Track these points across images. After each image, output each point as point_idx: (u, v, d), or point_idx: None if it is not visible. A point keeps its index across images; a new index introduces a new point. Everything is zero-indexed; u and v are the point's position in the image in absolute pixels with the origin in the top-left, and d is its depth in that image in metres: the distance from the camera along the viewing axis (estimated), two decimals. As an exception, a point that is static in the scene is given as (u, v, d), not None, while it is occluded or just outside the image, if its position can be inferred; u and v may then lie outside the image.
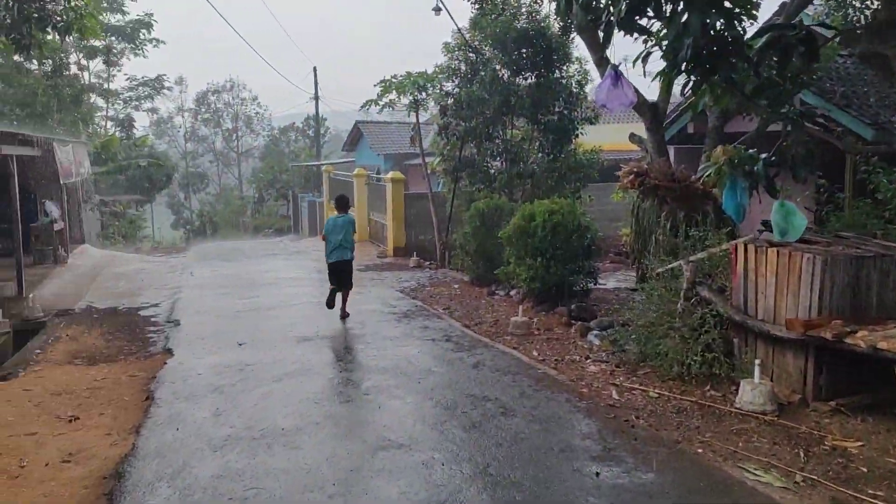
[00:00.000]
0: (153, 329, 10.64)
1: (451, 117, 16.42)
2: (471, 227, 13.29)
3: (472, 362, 7.91)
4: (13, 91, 20.77)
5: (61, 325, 11.00)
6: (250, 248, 22.07)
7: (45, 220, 16.26)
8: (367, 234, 21.11)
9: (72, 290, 13.75)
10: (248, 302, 12.18)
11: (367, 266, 16.50)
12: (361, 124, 31.56)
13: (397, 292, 12.93)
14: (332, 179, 25.46)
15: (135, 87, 42.75)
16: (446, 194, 17.36)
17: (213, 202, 53.71)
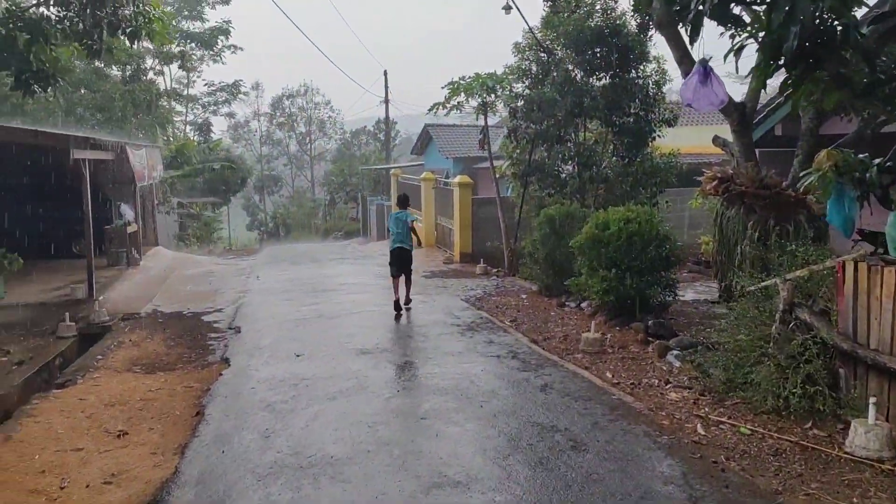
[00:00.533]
0: (214, 336, 10.43)
1: (521, 120, 15.78)
2: (540, 234, 12.62)
3: (540, 384, 7.27)
4: (92, 96, 21.31)
5: (126, 329, 10.93)
6: (318, 252, 21.97)
7: (119, 222, 16.45)
8: (433, 238, 20.66)
9: (141, 293, 13.78)
10: (311, 309, 11.85)
11: (433, 272, 16.02)
12: (430, 127, 31.20)
13: (462, 301, 12.38)
14: (399, 183, 25.16)
15: (213, 93, 43.76)
16: (515, 199, 16.72)
17: (287, 204, 54.53)
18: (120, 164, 15.17)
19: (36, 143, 12.00)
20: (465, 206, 17.61)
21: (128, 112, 21.55)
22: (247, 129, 56.77)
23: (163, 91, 23.30)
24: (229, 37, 41.64)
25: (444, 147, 29.58)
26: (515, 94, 15.78)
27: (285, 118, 57.61)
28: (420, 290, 13.54)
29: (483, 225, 17.76)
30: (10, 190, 16.22)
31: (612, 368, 8.00)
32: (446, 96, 15.62)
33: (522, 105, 15.70)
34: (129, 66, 22.23)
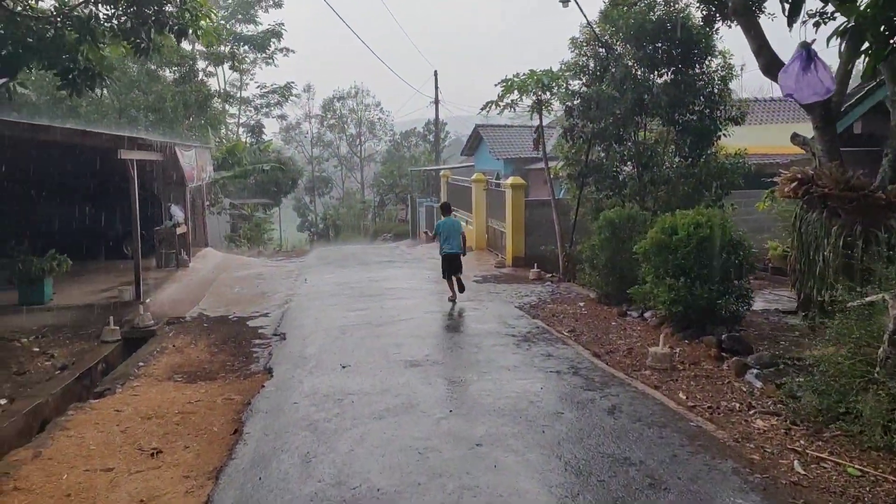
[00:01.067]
0: (259, 343, 9.99)
1: (578, 118, 15.02)
2: (599, 238, 11.85)
3: (607, 406, 6.55)
4: (144, 97, 21.33)
5: (170, 334, 10.60)
6: (366, 254, 21.53)
7: (169, 223, 16.27)
8: (484, 242, 20.00)
9: (188, 296, 13.50)
10: (358, 315, 11.33)
11: (485, 277, 15.37)
12: (481, 128, 30.55)
13: (516, 309, 11.70)
14: (449, 185, 24.59)
15: (265, 95, 43.96)
16: (570, 201, 15.95)
17: (337, 206, 54.56)
18: (170, 165, 14.96)
19: (85, 143, 11.79)
20: (517, 208, 16.91)
21: (179, 113, 21.50)
22: (298, 131, 57.05)
23: (213, 92, 23.16)
24: (281, 39, 41.83)
25: (496, 148, 28.88)
26: (572, 91, 15.02)
27: (336, 120, 57.70)
28: (471, 295, 12.91)
29: (536, 228, 17.03)
30: (64, 191, 16.21)
31: (685, 388, 7.22)
32: (499, 94, 14.95)
33: (579, 103, 14.94)
34: (181, 68, 22.21)
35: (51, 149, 14.24)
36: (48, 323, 11.42)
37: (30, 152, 14.84)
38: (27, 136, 11.36)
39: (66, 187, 16.03)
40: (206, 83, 23.80)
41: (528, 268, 15.94)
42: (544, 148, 15.49)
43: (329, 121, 57.51)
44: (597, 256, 11.91)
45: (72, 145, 12.99)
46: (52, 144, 13.63)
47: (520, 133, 31.05)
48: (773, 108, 26.29)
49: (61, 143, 13.07)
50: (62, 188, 16.16)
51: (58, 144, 13.38)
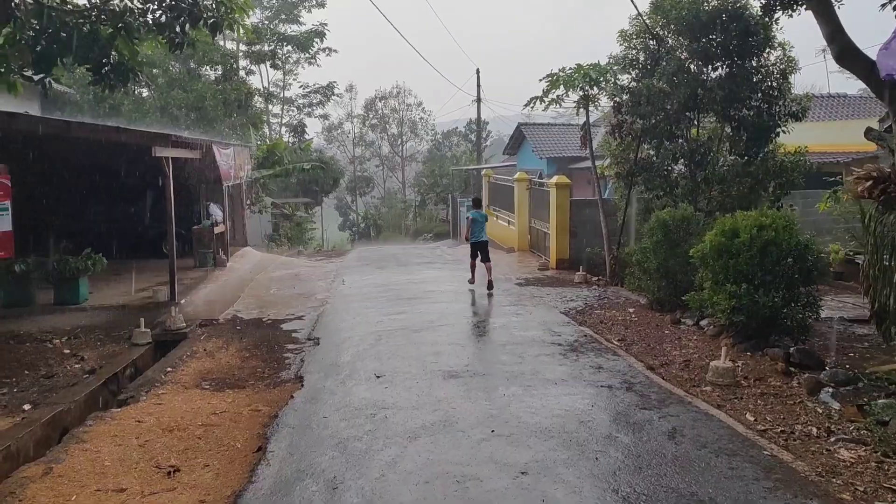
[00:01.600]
0: (291, 347, 9.52)
1: (626, 114, 14.24)
2: (651, 241, 11.08)
3: (667, 429, 5.85)
4: (185, 95, 21.20)
5: (202, 337, 10.20)
6: (406, 255, 21.02)
7: (207, 223, 15.99)
8: (526, 243, 19.31)
9: (223, 296, 13.15)
10: (395, 319, 10.79)
11: (527, 280, 14.69)
12: (524, 126, 29.87)
13: (562, 315, 11.01)
14: (491, 184, 23.94)
15: (307, 95, 43.93)
16: (618, 201, 15.18)
17: (378, 205, 54.35)
18: (208, 163, 14.65)
19: (120, 140, 11.49)
20: (562, 208, 16.19)
21: (219, 112, 21.31)
22: (340, 130, 57.00)
23: (254, 90, 22.94)
24: (324, 39, 41.75)
25: (538, 146, 28.15)
26: (620, 86, 14.26)
27: (378, 119, 57.49)
28: (514, 299, 12.27)
29: (581, 229, 16.29)
30: (103, 190, 16.06)
31: (752, 408, 6.48)
32: (544, 89, 14.26)
33: (628, 98, 14.16)
34: (222, 66, 22.04)
35: (89, 147, 14.05)
36: (82, 323, 11.15)
37: (69, 151, 14.72)
38: (62, 133, 11.09)
39: (106, 186, 15.87)
40: (246, 81, 23.55)
41: (573, 270, 15.21)
42: (591, 145, 14.75)
43: (371, 120, 57.32)
44: (648, 260, 11.15)
45: (110, 143, 12.71)
46: (89, 142, 13.43)
47: (563, 132, 30.26)
48: (830, 104, 24.99)
49: (98, 141, 12.82)
50: (102, 187, 16.01)
51: (95, 142, 13.16)
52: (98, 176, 15.57)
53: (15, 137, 12.92)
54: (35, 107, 17.86)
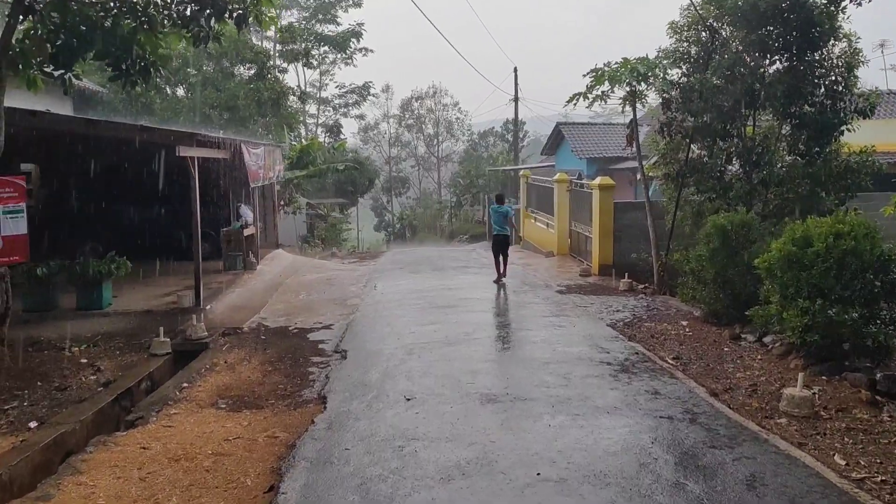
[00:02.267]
0: (317, 361, 8.79)
1: (676, 111, 13.25)
2: (707, 248, 10.10)
3: (744, 475, 4.95)
4: (217, 94, 20.71)
5: (224, 347, 9.55)
6: (440, 258, 20.24)
7: (237, 224, 15.43)
8: (566, 247, 18.36)
9: (250, 302, 12.53)
10: (428, 331, 10.01)
11: (569, 286, 13.77)
12: (563, 126, 28.86)
13: (608, 328, 10.10)
14: (529, 185, 23.03)
15: (343, 95, 43.49)
16: (665, 204, 14.18)
17: (413, 206, 53.73)
18: (237, 163, 14.07)
19: (144, 140, 10.93)
20: (605, 211, 15.22)
21: (252, 111, 20.79)
22: (376, 131, 56.56)
23: (287, 89, 22.37)
24: (360, 39, 41.25)
25: (578, 146, 27.12)
26: (670, 81, 13.26)
27: (414, 120, 56.89)
28: (555, 309, 11.40)
29: (626, 233, 15.31)
30: (133, 192, 15.60)
31: (839, 447, 5.53)
32: (588, 85, 13.31)
33: (678, 94, 13.18)
34: (255, 65, 21.53)
35: (118, 147, 13.59)
36: (103, 330, 10.60)
37: (97, 151, 14.27)
38: (85, 131, 10.58)
39: (135, 187, 15.39)
40: (279, 80, 23.02)
41: (617, 277, 14.26)
42: (638, 144, 13.77)
43: (407, 121, 56.75)
44: (704, 268, 10.17)
45: (138, 143, 12.17)
46: (117, 143, 12.96)
47: (604, 131, 29.18)
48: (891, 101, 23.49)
49: (125, 141, 12.31)
50: (130, 188, 15.55)
51: (123, 142, 12.67)
52: (127, 176, 15.11)
53: (41, 138, 12.50)
54: (68, 106, 17.54)
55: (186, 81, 21.23)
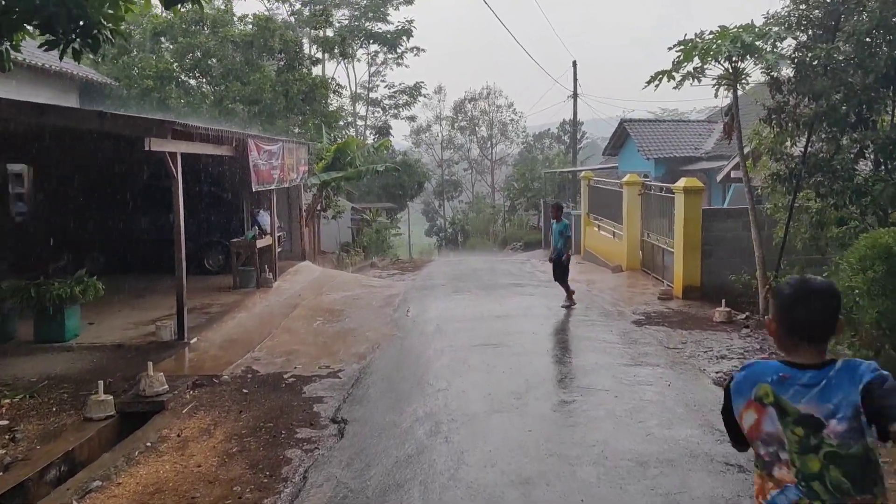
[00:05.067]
0: (304, 437, 6.05)
1: (789, 94, 10.08)
2: (864, 278, 6.91)
3: None
4: (242, 87, 18.30)
5: (187, 408, 6.90)
6: (491, 271, 17.33)
7: (249, 234, 12.90)
8: (637, 261, 15.21)
9: (249, 333, 9.92)
10: (465, 387, 7.17)
11: (647, 315, 10.69)
12: (627, 123, 25.56)
13: (714, 385, 7.06)
14: (591, 188, 19.90)
15: (394, 95, 41.12)
16: (771, 212, 10.96)
17: (466, 210, 50.88)
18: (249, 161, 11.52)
19: (104, 130, 8.43)
20: (692, 219, 12.05)
21: (279, 105, 18.33)
22: (428, 133, 53.94)
23: (320, 82, 19.84)
24: (411, 37, 38.81)
25: (645, 145, 23.79)
26: (781, 55, 10.06)
27: (467, 122, 54.06)
28: (636, 352, 8.38)
29: (716, 247, 12.13)
30: (131, 198, 13.24)
31: None
32: (675, 61, 10.21)
33: (794, 72, 9.99)
34: (284, 54, 19.11)
35: (109, 147, 11.27)
36: (55, 371, 8.14)
37: (88, 152, 11.98)
38: (34, 120, 8.14)
39: (134, 192, 13.06)
40: (311, 72, 20.49)
41: (708, 302, 11.13)
42: (739, 136, 10.57)
43: (460, 122, 53.98)
44: (857, 306, 6.98)
45: (123, 139, 9.73)
46: (107, 141, 10.63)
47: (673, 129, 25.75)
48: None
49: (112, 138, 9.92)
50: (128, 194, 13.23)
51: (115, 141, 10.31)
52: (123, 180, 12.76)
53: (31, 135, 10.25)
54: (73, 99, 15.41)
55: (209, 73, 18.96)
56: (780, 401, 2.17)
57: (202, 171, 12.75)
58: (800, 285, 2.28)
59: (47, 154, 12.72)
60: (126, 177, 12.36)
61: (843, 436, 2.09)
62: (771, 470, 2.20)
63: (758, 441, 2.23)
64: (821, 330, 2.23)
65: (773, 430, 2.18)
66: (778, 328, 2.28)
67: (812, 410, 2.14)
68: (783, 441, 2.17)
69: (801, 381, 2.18)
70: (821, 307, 2.23)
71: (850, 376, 2.15)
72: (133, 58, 17.99)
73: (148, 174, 12.13)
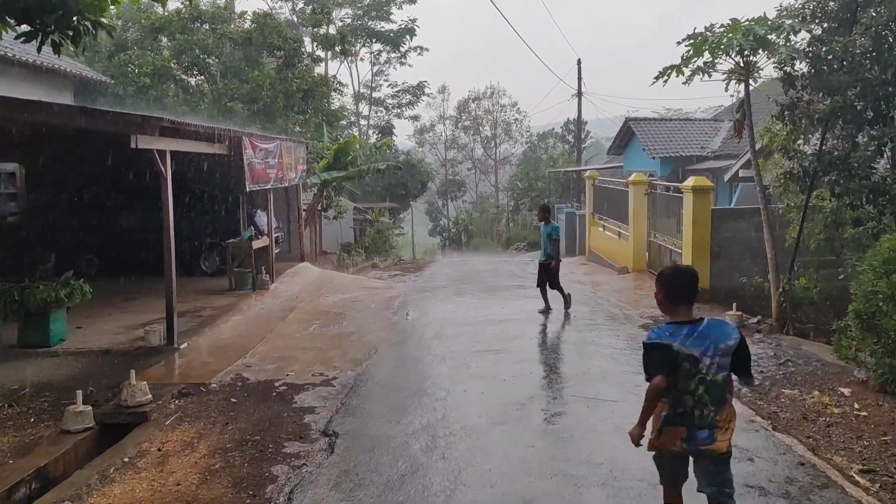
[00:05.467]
0: (292, 452, 5.65)
1: (805, 89, 9.66)
2: (888, 283, 6.47)
3: None
4: (240, 85, 17.88)
5: (171, 419, 6.51)
6: (494, 272, 16.92)
7: (246, 235, 12.53)
8: (644, 262, 14.79)
9: (241, 338, 9.53)
10: (466, 397, 6.78)
11: (654, 319, 10.25)
12: (633, 122, 25.11)
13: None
14: (596, 187, 19.47)
15: (397, 94, 40.75)
16: (783, 212, 10.53)
17: (470, 210, 50.48)
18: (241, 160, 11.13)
19: (82, 127, 8.04)
20: (701, 220, 11.62)
21: (279, 103, 17.91)
22: (432, 132, 53.52)
23: (320, 80, 19.39)
24: (414, 36, 38.44)
25: (650, 144, 23.35)
26: (796, 49, 9.61)
27: (471, 121, 53.63)
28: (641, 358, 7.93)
29: (726, 249, 11.71)
30: (125, 197, 12.87)
31: None
32: (684, 55, 9.77)
33: (808, 66, 9.57)
34: (283, 51, 18.70)
35: (101, 145, 10.89)
36: (38, 378, 7.78)
37: (80, 151, 11.62)
38: (15, 116, 7.76)
39: (128, 192, 12.68)
40: (311, 69, 20.04)
41: (718, 305, 10.69)
42: (751, 133, 10.12)
43: (463, 122, 53.56)
44: (879, 312, 6.54)
45: (115, 138, 9.33)
46: (99, 140, 10.26)
47: (679, 127, 25.28)
48: None
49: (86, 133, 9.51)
50: (122, 193, 12.86)
51: (106, 140, 9.93)
52: (119, 180, 12.39)
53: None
54: (68, 97, 15.04)
55: (207, 71, 18.56)
56: (677, 346, 3.28)
57: (198, 170, 12.38)
58: (674, 269, 3.74)
59: (41, 153, 12.39)
60: (123, 176, 11.96)
61: (711, 368, 3.31)
62: (669, 395, 3.35)
63: None
64: (689, 296, 3.43)
65: (675, 365, 3.30)
66: (664, 298, 3.49)
67: (692, 351, 3.30)
68: (679, 371, 3.30)
69: (683, 332, 3.33)
70: (687, 281, 3.47)
71: (718, 330, 3.37)
72: (130, 55, 17.62)
73: (145, 173, 11.74)
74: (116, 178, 12.52)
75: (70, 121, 7.78)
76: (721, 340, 3.31)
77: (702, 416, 3.32)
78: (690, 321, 3.35)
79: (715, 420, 3.32)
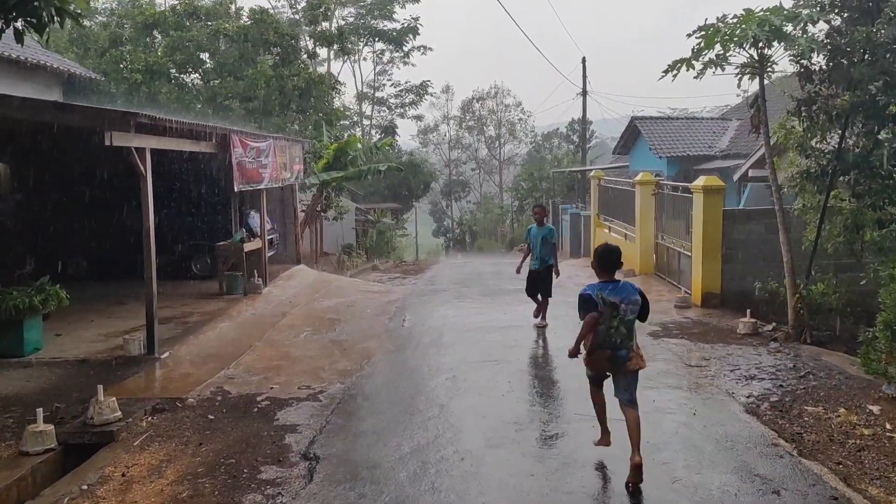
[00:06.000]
0: (267, 479, 5.10)
1: (823, 83, 9.06)
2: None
3: None
4: (235, 83, 17.33)
5: (140, 438, 5.97)
6: (496, 274, 16.36)
7: (237, 236, 11.99)
8: (651, 265, 14.20)
9: (227, 347, 8.99)
10: (463, 412, 6.24)
11: (665, 326, 9.68)
12: (638, 121, 24.50)
13: (748, 416, 6.06)
14: (602, 188, 18.87)
15: (400, 94, 40.19)
16: (799, 213, 9.92)
17: (474, 210, 49.87)
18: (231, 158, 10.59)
19: (60, 123, 7.51)
20: (711, 221, 11.02)
21: (275, 101, 17.36)
22: (436, 132, 52.93)
23: (317, 77, 18.80)
24: (417, 35, 37.87)
25: (657, 144, 22.72)
26: (813, 40, 9.00)
27: (475, 121, 53.02)
28: (655, 370, 7.34)
29: (738, 251, 11.10)
30: (112, 199, 12.33)
31: None
32: (695, 48, 9.18)
33: (826, 60, 8.97)
34: (279, 48, 18.14)
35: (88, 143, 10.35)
36: (5, 392, 7.26)
37: (65, 150, 11.11)
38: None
39: (115, 194, 12.13)
40: (307, 67, 19.47)
41: (730, 311, 10.16)
42: (766, 129, 9.52)
43: (467, 122, 52.96)
44: (911, 323, 5.97)
45: (56, 129, 8.75)
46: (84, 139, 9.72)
47: (686, 126, 24.64)
48: None
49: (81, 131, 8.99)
50: (109, 195, 12.33)
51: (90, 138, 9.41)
52: (108, 181, 11.86)
53: None
54: (56, 94, 14.54)
55: (200, 68, 18.05)
56: (603, 296, 4.81)
57: (188, 169, 11.88)
58: (605, 247, 5.07)
59: (28, 152, 11.90)
60: (113, 176, 11.45)
61: (625, 311, 4.85)
62: (597, 329, 4.86)
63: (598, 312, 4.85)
64: (613, 266, 4.98)
65: (602, 309, 4.80)
66: (597, 266, 5.03)
67: (613, 299, 4.82)
68: (604, 313, 4.82)
69: (608, 288, 4.88)
70: (615, 257, 5.00)
71: (629, 289, 4.94)
72: (122, 51, 17.13)
73: (136, 173, 11.23)
74: (107, 178, 12.00)
75: (39, 115, 7.26)
76: (631, 295, 4.88)
77: (620, 342, 4.83)
78: (613, 280, 4.93)
79: (629, 345, 4.86)
